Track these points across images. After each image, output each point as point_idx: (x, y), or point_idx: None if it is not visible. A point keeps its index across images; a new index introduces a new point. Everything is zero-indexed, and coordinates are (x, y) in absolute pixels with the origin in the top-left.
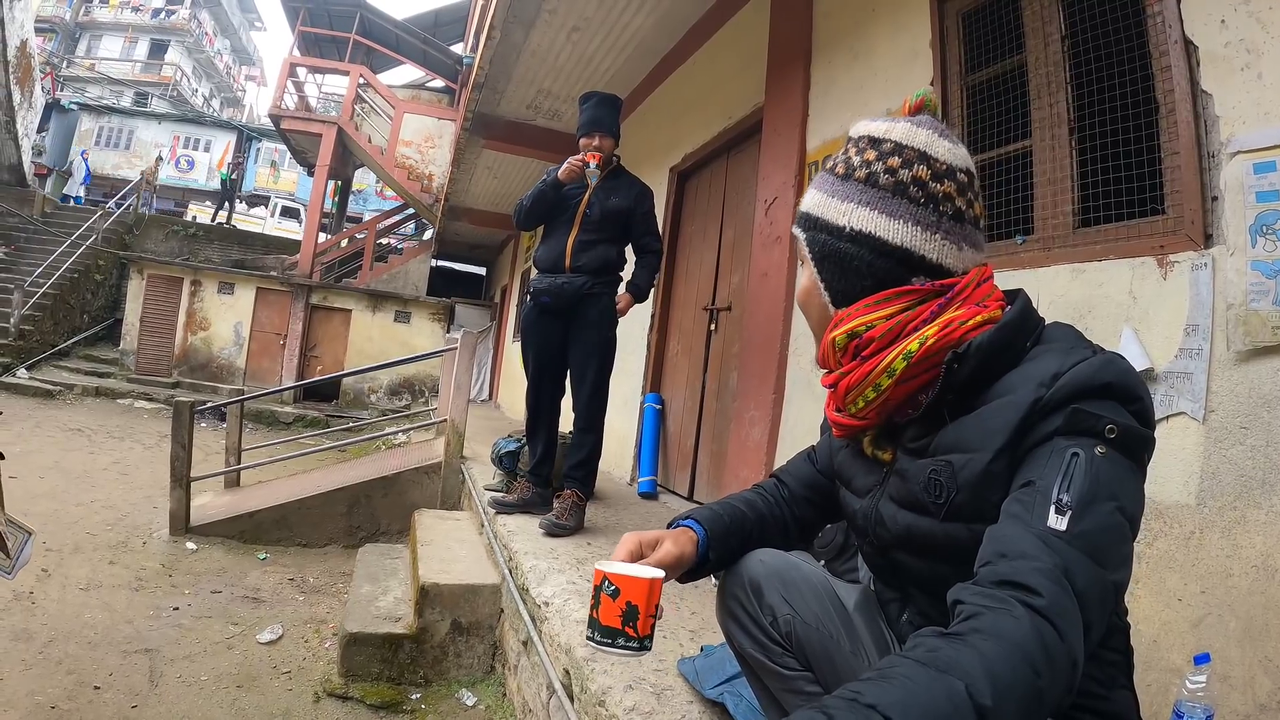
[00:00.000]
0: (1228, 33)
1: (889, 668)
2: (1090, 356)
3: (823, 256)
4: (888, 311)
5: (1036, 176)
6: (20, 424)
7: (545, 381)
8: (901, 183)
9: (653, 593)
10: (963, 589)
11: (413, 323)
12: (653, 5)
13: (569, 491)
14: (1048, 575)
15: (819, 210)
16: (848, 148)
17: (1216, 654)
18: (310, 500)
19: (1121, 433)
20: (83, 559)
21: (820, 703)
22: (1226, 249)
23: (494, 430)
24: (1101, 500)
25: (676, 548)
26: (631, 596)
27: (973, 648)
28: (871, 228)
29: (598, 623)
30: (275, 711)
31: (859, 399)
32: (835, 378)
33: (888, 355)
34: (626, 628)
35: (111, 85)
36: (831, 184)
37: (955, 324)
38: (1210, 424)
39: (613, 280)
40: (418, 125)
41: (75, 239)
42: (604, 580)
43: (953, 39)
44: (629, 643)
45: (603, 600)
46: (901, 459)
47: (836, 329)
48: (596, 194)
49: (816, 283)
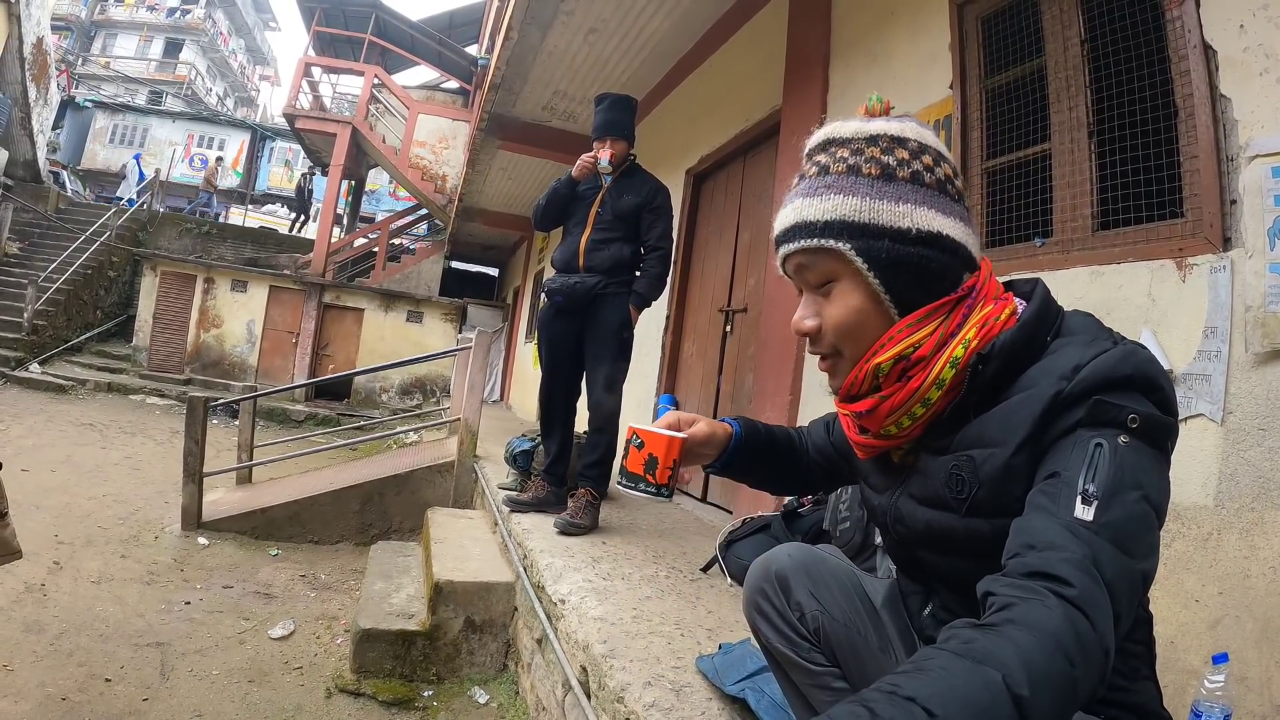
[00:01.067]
0: (1247, 37)
1: (925, 660)
2: (1111, 348)
3: (891, 264)
4: (930, 328)
5: (1056, 179)
6: (32, 418)
7: (559, 380)
8: (940, 180)
9: (670, 448)
10: (993, 580)
11: (425, 323)
12: (670, 8)
13: (583, 490)
14: (1077, 565)
15: (867, 215)
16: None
17: (1234, 655)
18: (322, 497)
19: (1144, 421)
20: (94, 552)
21: (859, 696)
22: (1245, 252)
23: (506, 430)
24: (1127, 489)
25: (709, 428)
26: (653, 449)
27: (1007, 638)
28: (938, 227)
29: (625, 469)
30: (287, 706)
31: (904, 418)
32: (873, 402)
33: (933, 368)
34: (647, 475)
35: (126, 83)
36: (871, 186)
37: (990, 321)
38: (1229, 426)
39: (627, 280)
40: (432, 126)
41: (89, 235)
42: (633, 435)
43: (972, 42)
44: (648, 487)
45: (630, 451)
46: (922, 457)
47: (879, 355)
48: (610, 193)
49: (879, 297)
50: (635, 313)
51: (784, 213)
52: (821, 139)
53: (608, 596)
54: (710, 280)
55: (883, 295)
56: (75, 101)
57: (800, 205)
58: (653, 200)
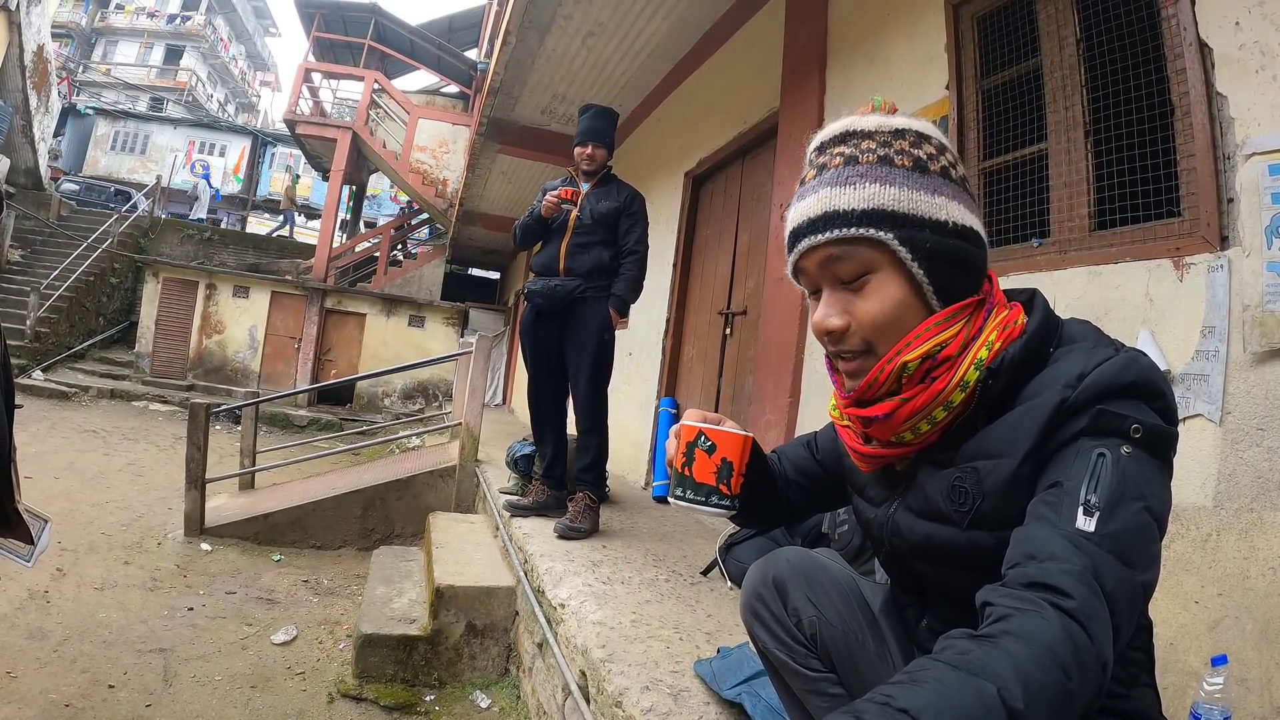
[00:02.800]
0: (1242, 34)
1: (920, 670)
2: (1113, 355)
3: (934, 255)
4: (957, 327)
5: (1052, 179)
6: (35, 425)
7: (544, 383)
8: (961, 179)
9: (745, 451)
10: (991, 591)
11: (427, 327)
12: (668, 10)
13: (581, 494)
14: (1077, 577)
15: (909, 206)
16: (892, 140)
17: (1233, 656)
18: (324, 503)
19: (1147, 432)
20: (97, 559)
21: (851, 707)
22: (1243, 251)
23: (507, 434)
24: (1129, 500)
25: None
26: (727, 453)
27: (1004, 650)
28: (969, 222)
29: (690, 480)
30: (289, 712)
31: (923, 423)
32: (892, 405)
33: (959, 369)
34: (720, 485)
35: (127, 90)
36: (907, 177)
37: (1009, 322)
38: (1227, 426)
39: (605, 285)
40: (432, 130)
41: (91, 242)
42: (699, 436)
43: (968, 43)
44: (722, 500)
45: (697, 456)
46: (922, 470)
47: (907, 352)
48: (588, 199)
49: (921, 288)
50: (615, 315)
51: (806, 204)
52: (840, 131)
53: (607, 601)
54: (710, 283)
55: (926, 287)
56: (76, 109)
57: (829, 194)
58: (630, 205)
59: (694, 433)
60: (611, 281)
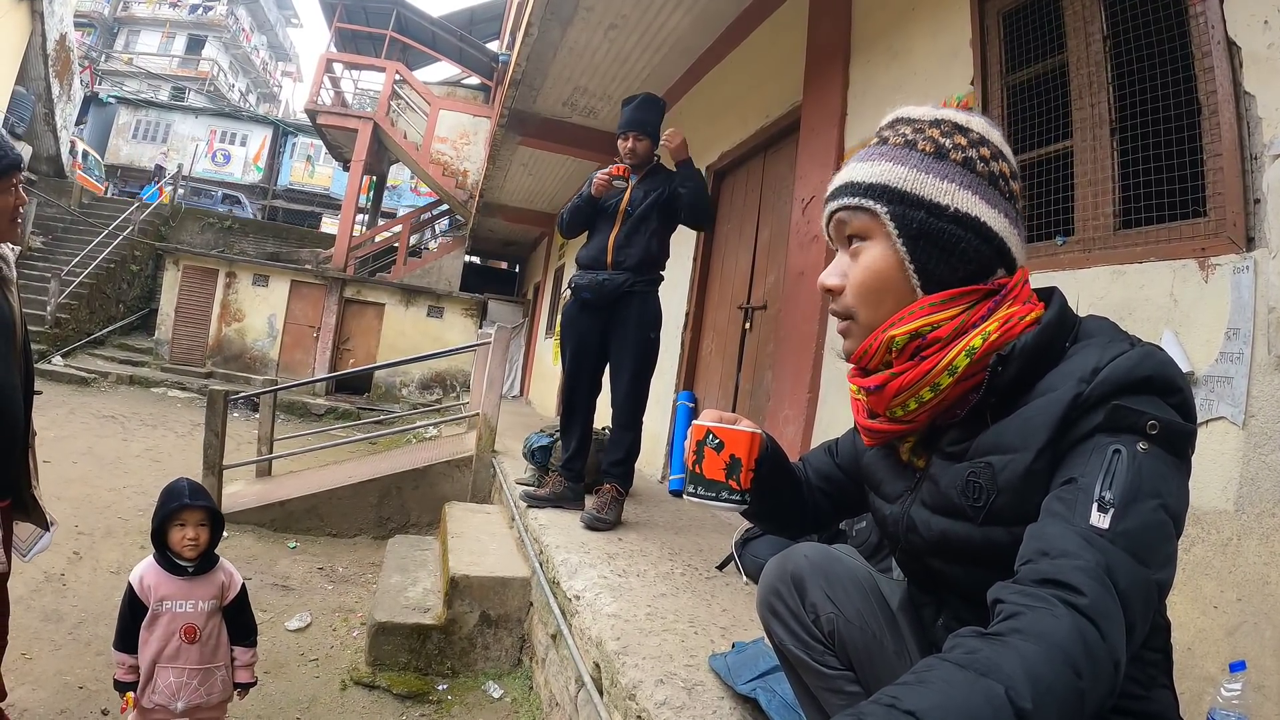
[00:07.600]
0: (1271, 34)
1: (927, 670)
2: (1129, 349)
3: (919, 235)
4: (952, 312)
5: (1077, 177)
6: (54, 410)
7: (582, 377)
8: (994, 174)
9: (753, 447)
10: (1003, 588)
11: (445, 318)
12: (690, 3)
13: (609, 486)
14: (1090, 574)
15: (909, 185)
16: (926, 128)
17: (1252, 662)
18: (341, 491)
19: (1163, 428)
20: (114, 543)
21: (857, 708)
22: (1269, 252)
23: (525, 425)
24: (1144, 498)
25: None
26: (735, 450)
27: (1013, 649)
28: (977, 213)
29: (700, 477)
30: (301, 698)
31: (911, 401)
32: (883, 379)
33: (949, 353)
34: (730, 480)
35: (149, 79)
36: (921, 160)
37: (1014, 319)
38: (1250, 429)
39: (654, 279)
40: (453, 122)
41: (112, 230)
42: (708, 434)
43: (993, 38)
44: (731, 495)
45: (706, 454)
46: (936, 464)
47: (896, 327)
48: (636, 191)
49: (903, 263)
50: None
51: (841, 172)
52: (893, 117)
53: (622, 593)
54: (730, 277)
55: (907, 263)
56: (99, 97)
57: (853, 168)
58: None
59: (703, 431)
60: (658, 277)
